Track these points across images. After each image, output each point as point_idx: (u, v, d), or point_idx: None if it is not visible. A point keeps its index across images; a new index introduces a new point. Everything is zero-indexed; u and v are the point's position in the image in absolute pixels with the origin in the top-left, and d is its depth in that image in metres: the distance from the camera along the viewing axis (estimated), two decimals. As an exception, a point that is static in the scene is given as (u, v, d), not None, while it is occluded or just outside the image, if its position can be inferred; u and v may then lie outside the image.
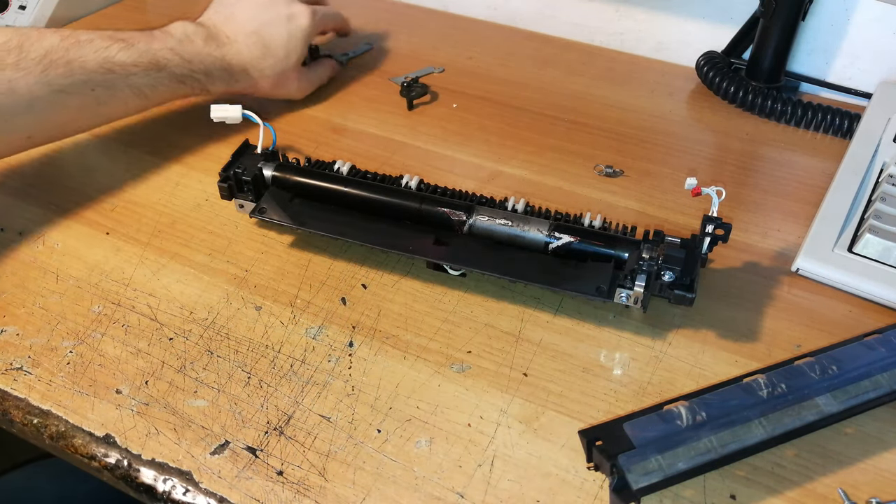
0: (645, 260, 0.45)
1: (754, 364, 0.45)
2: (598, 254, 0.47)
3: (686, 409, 0.39)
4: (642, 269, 0.45)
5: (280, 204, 0.52)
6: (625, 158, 0.64)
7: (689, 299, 0.45)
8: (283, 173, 0.54)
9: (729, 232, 0.46)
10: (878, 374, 0.41)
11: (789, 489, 0.39)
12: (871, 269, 0.50)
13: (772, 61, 0.70)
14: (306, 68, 0.69)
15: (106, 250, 0.53)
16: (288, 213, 0.52)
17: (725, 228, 0.46)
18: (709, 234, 0.46)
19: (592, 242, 0.47)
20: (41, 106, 0.51)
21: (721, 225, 0.45)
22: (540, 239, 0.48)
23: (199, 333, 0.48)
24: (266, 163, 0.54)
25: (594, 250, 0.47)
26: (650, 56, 0.80)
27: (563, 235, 0.48)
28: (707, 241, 0.46)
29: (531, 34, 0.84)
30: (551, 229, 0.48)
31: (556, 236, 0.48)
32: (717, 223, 0.45)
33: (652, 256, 0.45)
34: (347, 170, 0.54)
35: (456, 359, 0.46)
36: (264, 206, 0.52)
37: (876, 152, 0.59)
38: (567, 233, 0.48)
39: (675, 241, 0.47)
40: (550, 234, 0.48)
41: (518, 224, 0.49)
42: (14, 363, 0.46)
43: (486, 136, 0.66)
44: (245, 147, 0.56)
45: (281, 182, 0.54)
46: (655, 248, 0.46)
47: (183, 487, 0.40)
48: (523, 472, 0.40)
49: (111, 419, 0.42)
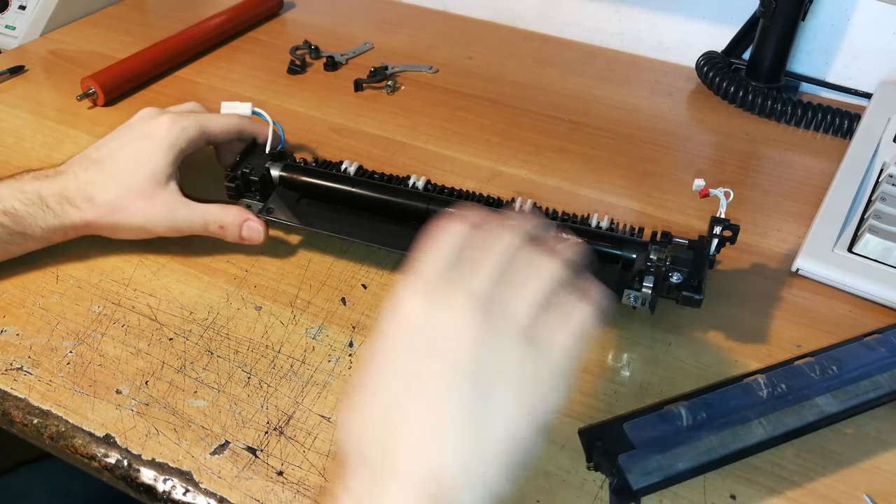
0: (653, 261, 0.45)
1: (754, 364, 0.45)
2: (605, 255, 0.47)
3: (686, 409, 0.39)
4: (650, 270, 0.45)
5: (287, 204, 0.52)
6: (625, 158, 0.64)
7: (696, 301, 0.44)
8: (290, 173, 0.53)
9: (737, 233, 0.46)
10: (878, 374, 0.41)
11: (789, 489, 0.39)
12: (871, 269, 0.50)
13: (772, 61, 0.70)
14: (181, 199, 0.50)
15: (106, 250, 0.53)
16: (295, 214, 0.52)
17: (734, 230, 0.46)
18: (717, 235, 0.45)
19: (600, 244, 0.47)
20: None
21: (729, 226, 0.45)
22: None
23: (199, 333, 0.48)
24: (274, 163, 0.54)
25: (602, 251, 0.47)
26: (650, 56, 0.80)
27: (568, 238, 0.47)
28: (715, 242, 0.46)
29: (531, 34, 0.84)
30: (558, 230, 0.48)
31: (564, 238, 0.47)
32: (724, 224, 0.45)
33: (660, 258, 0.45)
34: (355, 170, 0.54)
35: (456, 359, 0.46)
36: (272, 206, 0.52)
37: (876, 152, 0.59)
38: (574, 234, 0.48)
39: (682, 242, 0.47)
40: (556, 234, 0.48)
41: None
42: (14, 363, 0.46)
43: (486, 136, 0.66)
44: (253, 146, 0.55)
45: (288, 182, 0.53)
46: (663, 250, 0.46)
47: (183, 487, 0.39)
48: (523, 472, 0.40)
49: (111, 419, 0.42)
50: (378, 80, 0.73)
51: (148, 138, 0.50)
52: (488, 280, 0.32)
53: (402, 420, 0.30)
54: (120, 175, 0.49)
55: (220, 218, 0.50)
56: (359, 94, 0.72)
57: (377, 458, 0.30)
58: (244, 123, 0.55)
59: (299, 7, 0.89)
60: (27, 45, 0.80)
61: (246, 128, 0.55)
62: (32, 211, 0.48)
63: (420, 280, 0.33)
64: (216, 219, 0.50)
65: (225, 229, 0.51)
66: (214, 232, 0.51)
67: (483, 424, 0.30)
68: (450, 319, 0.31)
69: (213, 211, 0.50)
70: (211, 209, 0.51)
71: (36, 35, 0.81)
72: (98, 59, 0.76)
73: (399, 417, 0.30)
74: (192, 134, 0.51)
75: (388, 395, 0.31)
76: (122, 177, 0.49)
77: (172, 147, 0.50)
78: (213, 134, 0.53)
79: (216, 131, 0.53)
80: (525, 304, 0.32)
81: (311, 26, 0.85)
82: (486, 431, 0.30)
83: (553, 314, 0.32)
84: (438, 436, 0.29)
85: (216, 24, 0.80)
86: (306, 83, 0.75)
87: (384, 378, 0.31)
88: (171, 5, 0.89)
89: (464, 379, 0.30)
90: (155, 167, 0.49)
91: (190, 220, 0.50)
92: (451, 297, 0.31)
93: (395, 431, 0.30)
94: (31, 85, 0.73)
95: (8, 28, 0.81)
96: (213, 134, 0.53)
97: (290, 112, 0.69)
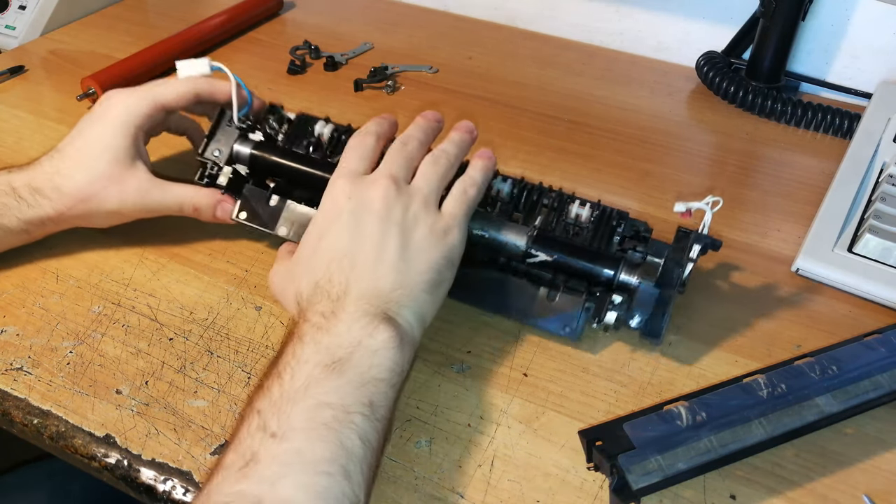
0: (613, 304, 0.44)
1: (754, 364, 0.45)
2: (577, 270, 0.45)
3: (686, 409, 0.39)
4: (611, 308, 0.44)
5: (258, 204, 0.50)
6: (625, 158, 0.64)
7: (655, 342, 0.44)
8: (262, 152, 0.50)
9: (718, 248, 0.45)
10: (878, 374, 0.41)
11: (789, 489, 0.39)
12: (871, 269, 0.50)
13: (772, 61, 0.70)
14: (152, 180, 0.50)
15: (106, 250, 0.53)
16: (267, 215, 0.50)
17: (715, 247, 0.44)
18: (692, 259, 0.44)
19: (572, 257, 0.45)
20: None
21: (711, 244, 0.44)
22: (519, 249, 0.46)
23: (199, 334, 0.48)
24: (243, 140, 0.50)
25: (573, 264, 0.45)
26: (650, 56, 0.80)
27: (539, 253, 0.45)
28: (689, 267, 0.44)
29: (531, 34, 0.84)
30: (530, 241, 0.45)
31: (534, 254, 0.45)
32: (705, 243, 0.44)
33: (623, 299, 0.44)
34: (329, 133, 0.50)
35: (456, 359, 0.46)
36: (243, 211, 0.50)
37: (876, 152, 0.59)
38: (546, 247, 0.45)
39: (657, 262, 0.45)
40: (529, 248, 0.45)
41: (495, 229, 0.46)
42: (14, 363, 0.46)
43: (486, 136, 0.66)
44: (220, 117, 0.51)
45: (259, 163, 0.50)
46: (634, 271, 0.44)
47: (183, 488, 0.39)
48: (523, 472, 0.40)
49: (111, 419, 0.42)
50: (378, 80, 0.73)
51: (102, 121, 0.49)
52: (395, 165, 0.43)
53: (348, 260, 0.41)
54: (83, 161, 0.48)
55: (195, 199, 0.50)
56: (359, 94, 0.72)
57: (333, 288, 0.40)
58: (200, 85, 0.51)
59: (299, 7, 0.89)
60: (27, 45, 0.80)
61: (203, 89, 0.51)
62: (6, 201, 0.48)
63: (345, 168, 0.44)
64: (191, 200, 0.50)
65: (199, 211, 0.50)
66: (189, 213, 0.51)
67: (406, 258, 0.41)
68: (370, 190, 0.42)
69: (187, 192, 0.50)
70: (185, 190, 0.50)
71: (36, 35, 0.81)
72: (98, 59, 0.76)
73: (346, 259, 0.41)
74: (144, 109, 0.49)
75: (335, 245, 0.41)
76: (84, 163, 0.48)
77: (127, 125, 0.49)
78: (169, 102, 0.50)
79: (171, 98, 0.50)
80: (425, 182, 0.43)
81: (311, 26, 0.85)
82: (410, 263, 0.41)
83: (449, 191, 0.45)
84: (375, 266, 0.40)
85: (216, 24, 0.80)
86: (306, 83, 0.75)
87: (330, 236, 0.42)
88: (171, 5, 0.89)
89: (387, 227, 0.41)
90: (116, 149, 0.48)
91: (163, 201, 0.50)
92: (370, 176, 0.43)
93: (342, 266, 0.40)
94: (31, 85, 0.73)
95: (8, 28, 0.81)
96: (168, 102, 0.50)
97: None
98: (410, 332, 0.40)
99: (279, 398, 0.35)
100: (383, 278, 0.40)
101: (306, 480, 0.32)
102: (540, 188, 0.49)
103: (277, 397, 0.35)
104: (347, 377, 0.36)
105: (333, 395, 0.35)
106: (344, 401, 0.35)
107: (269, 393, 0.36)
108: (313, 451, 0.33)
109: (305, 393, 0.35)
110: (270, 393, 0.36)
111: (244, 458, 0.33)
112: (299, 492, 0.32)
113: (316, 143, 0.50)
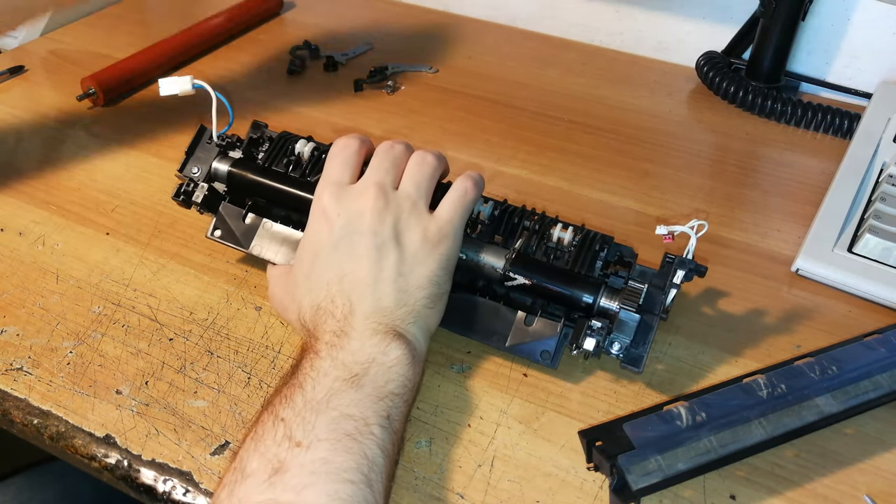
0: (594, 330, 0.41)
1: (754, 364, 0.45)
2: (556, 294, 0.44)
3: (686, 409, 0.39)
4: (590, 334, 0.41)
5: (234, 223, 0.50)
6: (625, 158, 0.64)
7: (636, 371, 0.42)
8: (239, 169, 0.49)
9: (703, 274, 0.43)
10: (878, 374, 0.41)
11: (789, 489, 0.39)
12: (871, 269, 0.50)
13: (772, 61, 0.70)
14: None
15: (106, 250, 0.53)
16: (240, 233, 0.50)
17: (700, 273, 0.42)
18: (676, 285, 0.42)
19: (551, 281, 0.44)
20: None
21: (695, 270, 0.42)
22: (497, 271, 0.44)
23: (199, 334, 0.48)
24: (221, 158, 0.50)
25: (552, 288, 0.44)
26: (650, 56, 0.80)
27: (518, 276, 0.44)
28: (673, 293, 0.43)
29: (531, 34, 0.84)
30: (508, 264, 0.44)
31: (512, 277, 0.44)
32: (689, 269, 0.42)
33: (603, 325, 0.41)
34: (309, 151, 0.49)
35: (456, 359, 0.46)
36: (218, 228, 0.50)
37: (876, 152, 0.59)
38: (525, 270, 0.44)
39: (638, 287, 0.42)
40: (507, 270, 0.44)
41: (474, 251, 0.45)
42: (14, 363, 0.46)
43: (486, 136, 0.66)
44: (200, 134, 0.51)
45: (237, 181, 0.49)
46: (615, 297, 0.43)
47: (183, 488, 0.40)
48: (523, 472, 0.40)
49: (111, 420, 0.42)
50: (378, 80, 0.73)
51: None
52: (381, 171, 0.43)
53: (347, 281, 0.40)
54: None
55: None
56: (359, 95, 0.72)
57: (337, 309, 0.40)
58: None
59: (299, 7, 0.89)
60: (27, 45, 0.80)
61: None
62: None
63: (328, 178, 0.43)
64: None
65: None
66: None
67: (404, 272, 0.41)
68: (357, 203, 0.42)
69: None
70: None
71: (36, 35, 0.81)
72: (98, 59, 0.76)
73: (346, 280, 0.40)
74: None
75: (331, 266, 0.41)
76: None
77: None
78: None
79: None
80: (413, 186, 0.43)
81: (311, 26, 0.85)
82: (408, 277, 0.41)
83: (438, 194, 0.44)
84: (375, 286, 0.40)
85: (216, 24, 0.80)
86: (306, 83, 0.75)
87: (323, 255, 0.41)
88: (171, 5, 0.89)
89: (381, 242, 0.41)
90: None
91: None
92: (356, 186, 0.43)
93: (343, 288, 0.40)
94: (31, 85, 0.73)
95: (8, 28, 0.81)
96: None
97: (291, 112, 0.69)
98: (419, 348, 0.41)
99: (303, 408, 0.36)
100: (385, 297, 0.40)
101: (333, 489, 0.33)
102: (522, 210, 0.47)
103: (301, 407, 0.36)
104: (366, 391, 0.37)
105: (354, 407, 0.36)
106: (364, 413, 0.36)
107: (293, 402, 0.36)
108: (338, 460, 0.34)
109: (328, 404, 0.36)
110: (293, 402, 0.36)
111: (272, 466, 0.34)
112: (326, 499, 0.33)
113: (296, 161, 0.49)
